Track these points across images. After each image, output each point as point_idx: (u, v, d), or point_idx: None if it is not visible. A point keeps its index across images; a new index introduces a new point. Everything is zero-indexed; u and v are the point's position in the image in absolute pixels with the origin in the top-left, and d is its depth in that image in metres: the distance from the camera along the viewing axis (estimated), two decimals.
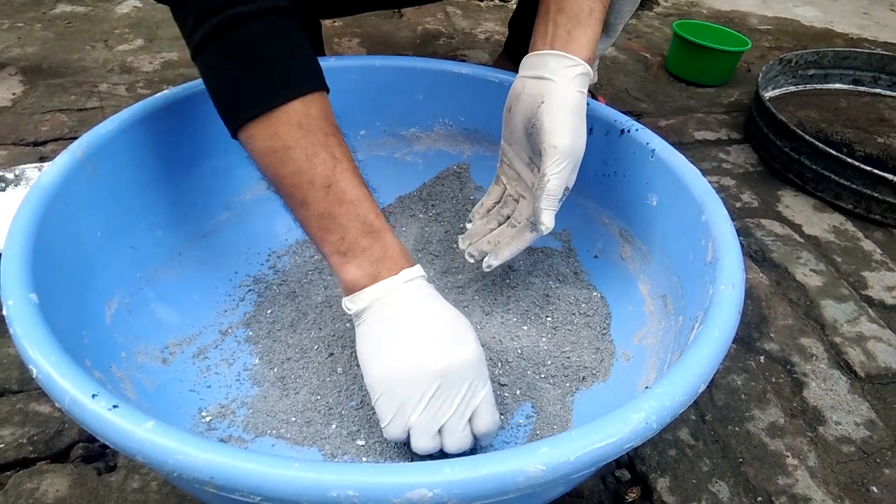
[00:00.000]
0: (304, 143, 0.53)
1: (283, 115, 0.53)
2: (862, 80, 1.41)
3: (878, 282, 0.92)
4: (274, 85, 0.53)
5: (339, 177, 0.53)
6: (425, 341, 0.51)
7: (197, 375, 0.63)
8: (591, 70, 0.62)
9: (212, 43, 0.53)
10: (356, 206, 0.53)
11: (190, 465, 0.35)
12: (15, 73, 1.24)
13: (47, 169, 0.56)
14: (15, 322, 0.43)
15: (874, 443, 0.69)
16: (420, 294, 0.54)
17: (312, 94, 0.54)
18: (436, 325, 0.52)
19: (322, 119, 0.54)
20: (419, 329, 0.52)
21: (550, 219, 0.61)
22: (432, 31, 1.57)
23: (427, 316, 0.53)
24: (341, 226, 0.53)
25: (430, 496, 0.34)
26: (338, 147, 0.55)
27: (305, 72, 0.55)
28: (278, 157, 0.53)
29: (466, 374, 0.51)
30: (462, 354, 0.51)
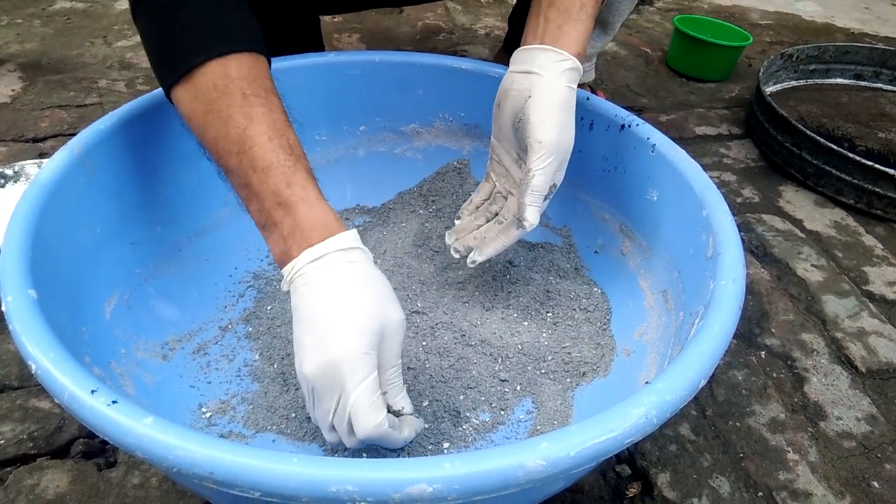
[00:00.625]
0: (219, 104, 0.50)
1: (200, 77, 0.51)
2: (863, 75, 1.40)
3: (880, 277, 0.92)
4: (191, 46, 0.51)
5: (250, 142, 0.50)
6: (305, 340, 0.47)
7: (197, 371, 0.63)
8: (581, 65, 0.61)
9: (139, 8, 0.53)
10: (266, 174, 0.49)
11: (189, 460, 0.35)
12: (14, 69, 1.24)
13: (46, 165, 0.56)
14: (14, 318, 0.43)
15: (875, 438, 0.69)
16: (320, 277, 0.48)
17: (235, 55, 0.52)
18: (318, 318, 0.47)
19: (242, 79, 0.51)
20: (303, 324, 0.48)
21: (534, 215, 0.61)
22: (432, 26, 1.57)
23: (316, 306, 0.47)
24: (256, 196, 0.50)
25: (430, 491, 0.34)
26: (259, 107, 0.51)
27: (228, 33, 0.53)
28: (199, 121, 0.51)
29: (330, 379, 0.46)
30: (328, 357, 0.45)
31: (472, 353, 0.66)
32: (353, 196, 0.86)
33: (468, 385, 0.63)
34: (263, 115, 0.51)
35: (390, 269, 0.75)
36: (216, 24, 0.53)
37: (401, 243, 0.79)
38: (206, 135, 0.51)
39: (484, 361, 0.66)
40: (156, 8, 0.53)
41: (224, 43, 0.52)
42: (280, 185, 0.49)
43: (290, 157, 0.50)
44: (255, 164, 0.49)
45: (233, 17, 0.54)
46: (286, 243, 0.49)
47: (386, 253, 0.78)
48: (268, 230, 0.50)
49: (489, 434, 0.60)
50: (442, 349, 0.66)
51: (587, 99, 0.73)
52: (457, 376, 0.64)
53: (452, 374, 0.64)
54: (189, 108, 0.52)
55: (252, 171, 0.49)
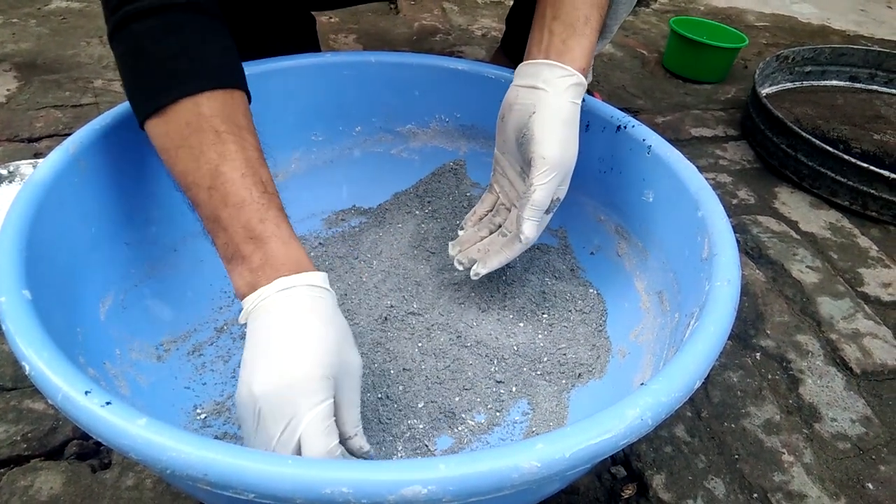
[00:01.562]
0: (190, 141, 0.51)
1: (172, 114, 0.51)
2: (858, 77, 1.41)
3: (874, 278, 0.92)
4: (164, 83, 0.52)
5: (222, 178, 0.50)
6: (256, 362, 0.46)
7: (192, 372, 0.63)
8: (586, 80, 0.61)
9: (116, 36, 0.54)
10: (238, 209, 0.49)
11: (183, 462, 0.35)
12: (9, 68, 1.24)
13: (41, 165, 0.56)
14: (8, 318, 0.43)
15: (870, 439, 0.69)
16: (285, 306, 0.47)
17: (208, 92, 0.52)
18: (275, 342, 0.46)
19: (215, 117, 0.52)
20: (259, 348, 0.47)
21: (532, 230, 0.61)
22: (429, 27, 1.57)
23: (274, 332, 0.47)
24: (225, 230, 0.50)
25: (425, 493, 0.34)
26: (231, 145, 0.51)
27: (201, 70, 0.53)
28: (170, 155, 0.52)
29: (283, 400, 0.44)
30: (284, 377, 0.44)
31: (468, 354, 0.66)
32: (349, 197, 0.86)
33: (464, 386, 0.63)
34: (236, 151, 0.51)
35: (386, 269, 0.75)
36: (191, 58, 0.53)
37: (397, 244, 0.79)
38: (176, 168, 0.51)
39: (479, 362, 0.66)
40: (132, 38, 0.53)
41: (198, 80, 0.52)
42: (252, 221, 0.49)
43: (263, 194, 0.51)
44: (226, 199, 0.49)
45: (209, 50, 0.54)
46: (254, 275, 0.48)
47: (382, 254, 0.78)
48: (234, 262, 0.50)
49: (484, 435, 0.60)
50: (438, 350, 0.66)
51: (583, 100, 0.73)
52: (452, 377, 0.64)
53: (448, 375, 0.64)
54: (161, 143, 0.52)
55: (223, 205, 0.49)
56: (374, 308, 0.70)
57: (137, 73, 0.53)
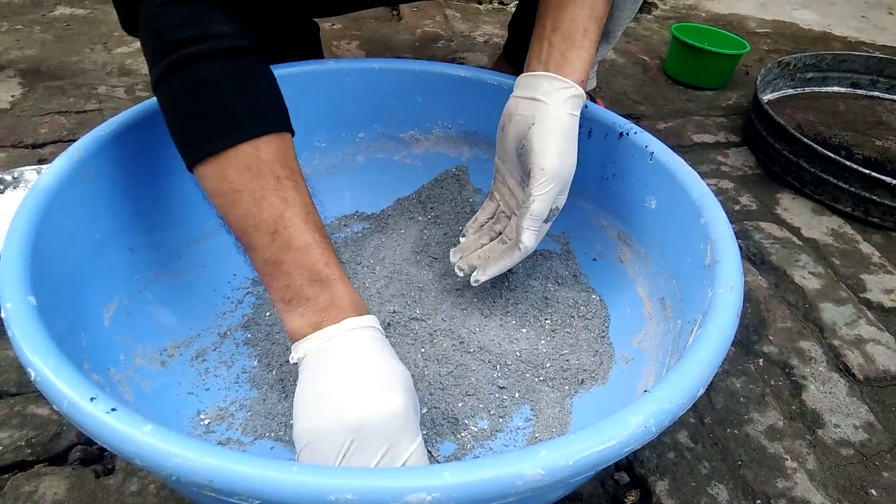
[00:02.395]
0: (251, 186, 0.52)
1: (231, 158, 0.52)
2: (860, 84, 1.41)
3: (877, 284, 0.92)
4: (223, 127, 0.52)
5: (287, 223, 0.51)
6: (346, 392, 0.46)
7: (195, 378, 0.63)
8: (584, 92, 0.62)
9: (166, 81, 0.54)
10: (303, 253, 0.51)
11: (188, 468, 0.35)
12: (14, 75, 1.24)
13: (46, 171, 0.56)
14: (13, 324, 0.43)
15: (873, 446, 0.69)
16: (359, 343, 0.50)
17: (265, 137, 0.53)
18: (363, 375, 0.48)
19: (274, 162, 0.53)
20: (344, 379, 0.47)
21: (531, 239, 0.62)
22: (431, 33, 1.57)
23: (357, 366, 0.48)
24: (286, 273, 0.51)
25: (429, 500, 0.34)
26: (291, 191, 0.53)
27: (257, 114, 0.54)
28: (227, 199, 0.52)
29: (386, 428, 0.45)
30: (382, 407, 0.45)
31: (471, 360, 0.66)
32: (352, 202, 0.86)
33: (467, 392, 0.63)
34: (296, 198, 0.53)
35: (389, 275, 0.75)
36: (248, 103, 0.54)
37: (399, 250, 0.79)
38: (234, 211, 0.52)
39: (482, 368, 0.66)
40: (186, 81, 0.53)
41: (255, 124, 0.53)
42: (318, 265, 0.51)
43: (323, 238, 0.53)
44: (290, 243, 0.51)
45: (262, 94, 0.55)
46: (319, 315, 0.50)
47: (385, 259, 0.78)
48: (294, 304, 0.51)
49: (487, 441, 0.60)
50: (440, 356, 0.66)
51: (585, 107, 0.73)
52: (455, 383, 0.64)
53: (451, 381, 0.64)
54: (216, 186, 0.53)
55: (287, 249, 0.51)
56: (377, 314, 0.71)
57: (192, 117, 0.54)
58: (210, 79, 0.53)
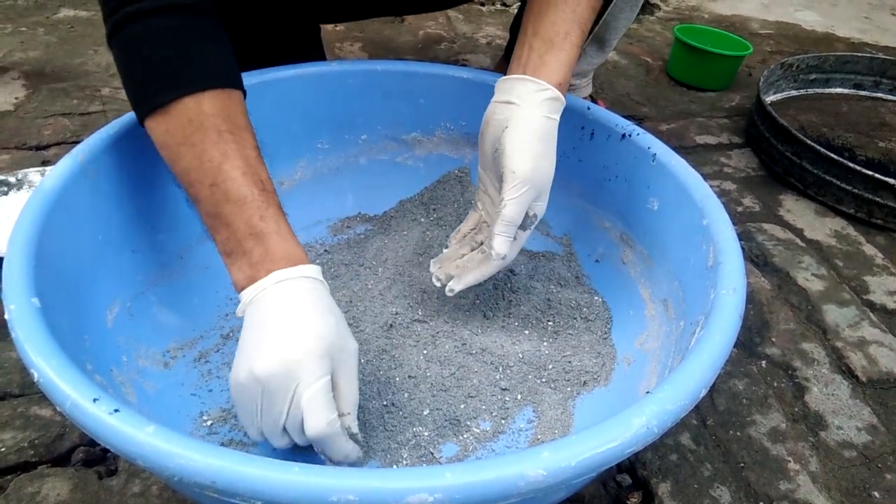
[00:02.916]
0: (193, 139, 0.53)
1: (174, 112, 0.53)
2: (863, 85, 1.41)
3: (880, 286, 0.92)
4: (166, 81, 0.54)
5: (224, 176, 0.52)
6: (258, 346, 0.48)
7: (198, 379, 0.63)
8: (562, 95, 0.61)
9: (114, 37, 0.55)
10: (240, 206, 0.52)
11: (191, 469, 0.35)
12: (18, 77, 1.25)
13: (50, 173, 0.56)
14: (17, 326, 0.43)
15: (876, 448, 0.69)
16: (283, 295, 0.50)
17: (209, 91, 0.54)
18: (275, 326, 0.49)
19: (216, 116, 0.54)
20: (259, 332, 0.49)
21: (502, 246, 0.60)
22: (434, 35, 1.57)
23: (273, 318, 0.49)
24: (227, 226, 0.52)
25: (431, 501, 0.34)
26: (231, 143, 0.53)
27: (201, 69, 0.55)
28: (172, 152, 0.54)
29: (291, 374, 0.47)
30: (286, 355, 0.47)
31: (473, 361, 0.66)
32: (355, 204, 0.86)
33: (469, 394, 0.63)
34: (236, 150, 0.53)
35: (391, 277, 0.75)
36: (191, 58, 0.55)
37: (402, 251, 0.79)
38: (178, 164, 0.54)
39: (485, 370, 0.66)
40: (131, 38, 0.54)
41: (199, 79, 0.54)
42: (254, 218, 0.52)
43: (262, 192, 0.53)
44: (228, 196, 0.52)
45: (208, 51, 0.56)
46: (253, 269, 0.51)
47: (387, 261, 0.78)
48: (234, 257, 0.52)
49: (490, 443, 0.60)
50: (443, 358, 0.66)
51: (588, 108, 0.73)
52: (458, 385, 0.64)
53: (453, 382, 0.64)
54: (162, 139, 0.54)
55: (225, 202, 0.52)
56: (380, 315, 0.71)
57: (138, 72, 0.55)
58: (151, 36, 0.54)
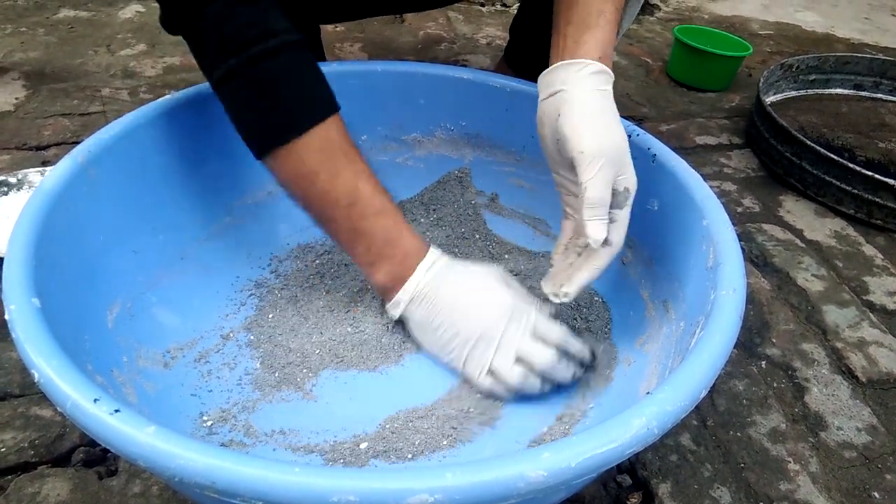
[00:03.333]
0: (327, 166, 0.58)
1: (306, 143, 0.58)
2: (863, 85, 1.41)
3: (880, 287, 0.92)
4: (295, 116, 0.58)
5: (360, 194, 0.59)
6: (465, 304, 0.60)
7: (198, 380, 0.63)
8: (609, 68, 0.59)
9: (232, 80, 0.57)
10: (378, 218, 0.60)
11: (191, 469, 0.35)
12: (18, 77, 1.25)
13: (50, 173, 0.56)
14: (17, 326, 0.43)
15: (876, 448, 0.69)
16: (442, 272, 0.61)
17: (329, 119, 0.59)
18: (465, 291, 0.61)
19: (340, 140, 0.59)
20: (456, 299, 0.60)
21: (597, 229, 0.56)
22: (434, 36, 1.57)
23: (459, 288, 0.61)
24: (366, 237, 0.60)
25: (431, 501, 0.34)
26: (357, 164, 0.60)
27: (321, 99, 0.60)
28: (305, 181, 0.59)
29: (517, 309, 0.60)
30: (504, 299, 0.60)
31: None
32: None
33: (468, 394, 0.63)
34: (364, 170, 0.61)
35: None
36: (313, 90, 0.60)
37: None
38: (311, 191, 0.60)
39: None
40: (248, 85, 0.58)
41: (322, 109, 0.59)
42: (389, 226, 0.61)
43: (391, 201, 0.62)
44: (365, 212, 0.60)
45: (320, 82, 0.61)
46: (400, 269, 0.61)
47: None
48: (377, 266, 0.61)
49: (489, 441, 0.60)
50: None
51: None
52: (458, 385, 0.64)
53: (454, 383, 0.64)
54: (293, 171, 0.59)
55: (362, 219, 0.60)
56: (380, 315, 0.71)
57: (261, 111, 0.58)
58: (278, 75, 0.58)
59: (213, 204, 0.74)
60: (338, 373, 0.65)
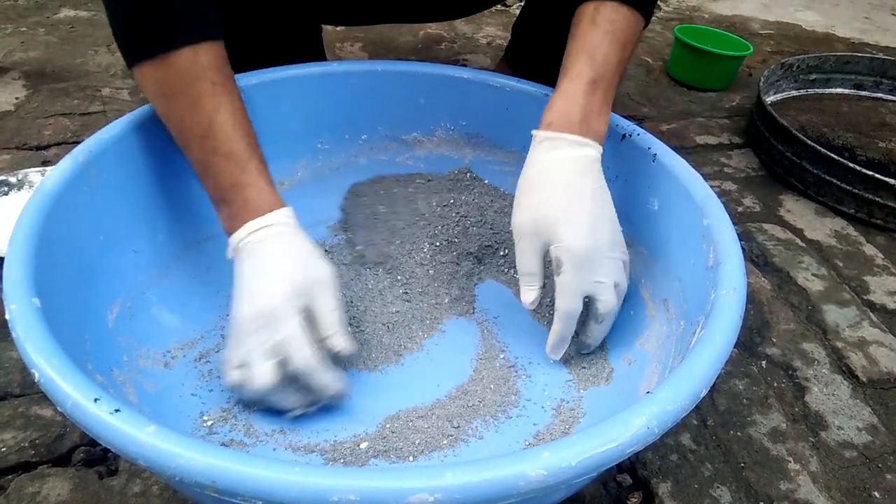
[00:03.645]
0: (190, 91, 0.56)
1: (172, 62, 0.55)
2: (863, 85, 1.41)
3: (880, 286, 0.92)
4: (165, 30, 0.55)
5: (216, 129, 0.56)
6: (240, 296, 0.55)
7: (198, 379, 0.63)
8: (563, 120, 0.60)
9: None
10: (226, 160, 0.56)
11: (191, 469, 0.35)
12: (18, 77, 1.25)
13: (50, 173, 0.56)
14: (17, 326, 0.43)
15: (876, 448, 0.69)
16: (255, 246, 0.56)
17: (204, 43, 0.56)
18: (250, 277, 0.55)
19: (210, 69, 0.56)
20: (239, 284, 0.55)
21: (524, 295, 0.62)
22: (434, 35, 1.57)
23: (248, 270, 0.55)
24: (214, 175, 0.57)
25: (432, 501, 0.34)
26: (224, 97, 0.57)
27: (198, 19, 0.57)
28: (165, 101, 0.57)
29: (268, 325, 0.53)
30: (256, 307, 0.53)
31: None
32: None
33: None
34: (228, 103, 0.57)
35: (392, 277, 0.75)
36: (188, 10, 0.56)
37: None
38: (171, 113, 0.57)
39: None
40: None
41: (196, 30, 0.56)
42: (236, 171, 0.56)
43: (248, 146, 0.57)
44: (217, 148, 0.56)
45: (200, 3, 0.57)
46: (233, 220, 0.57)
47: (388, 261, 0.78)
48: (220, 206, 0.58)
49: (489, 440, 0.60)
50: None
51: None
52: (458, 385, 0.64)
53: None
54: (156, 88, 0.57)
55: (213, 154, 0.56)
56: (380, 315, 0.71)
57: (133, 17, 0.56)
58: None
59: None
60: None
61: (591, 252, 0.57)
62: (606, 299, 0.59)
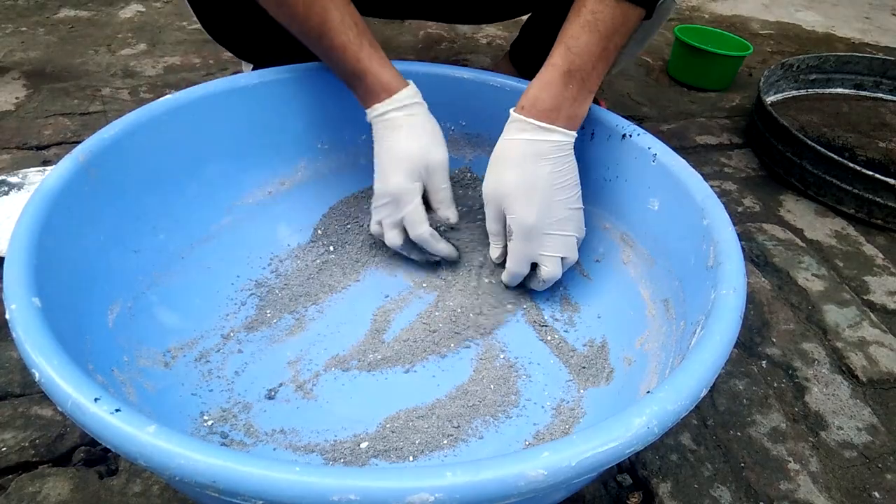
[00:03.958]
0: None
1: None
2: (863, 85, 1.41)
3: (880, 286, 0.92)
4: None
5: (328, 26, 0.64)
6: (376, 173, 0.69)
7: (199, 379, 0.63)
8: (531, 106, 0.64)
9: None
10: (342, 53, 0.65)
11: (192, 468, 0.35)
12: (18, 77, 1.25)
13: (50, 173, 0.56)
14: (18, 326, 0.43)
15: (876, 448, 0.69)
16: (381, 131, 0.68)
17: None
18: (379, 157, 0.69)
19: None
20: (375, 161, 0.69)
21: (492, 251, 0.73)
22: (434, 35, 1.57)
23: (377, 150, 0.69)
24: (336, 66, 0.67)
25: (432, 500, 0.34)
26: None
27: None
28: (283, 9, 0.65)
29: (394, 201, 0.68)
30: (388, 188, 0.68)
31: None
32: None
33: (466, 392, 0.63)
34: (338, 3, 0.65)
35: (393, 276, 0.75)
36: None
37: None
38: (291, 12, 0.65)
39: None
40: None
41: None
42: (351, 62, 0.66)
43: (358, 36, 0.66)
44: (332, 44, 0.65)
45: None
46: (363, 100, 0.68)
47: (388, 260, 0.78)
48: (352, 88, 0.69)
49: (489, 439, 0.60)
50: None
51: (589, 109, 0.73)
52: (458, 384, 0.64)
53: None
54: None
55: (331, 49, 0.66)
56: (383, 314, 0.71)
57: None
58: None
59: (213, 204, 0.74)
60: (338, 372, 0.65)
61: (539, 227, 0.65)
62: (549, 269, 0.68)
